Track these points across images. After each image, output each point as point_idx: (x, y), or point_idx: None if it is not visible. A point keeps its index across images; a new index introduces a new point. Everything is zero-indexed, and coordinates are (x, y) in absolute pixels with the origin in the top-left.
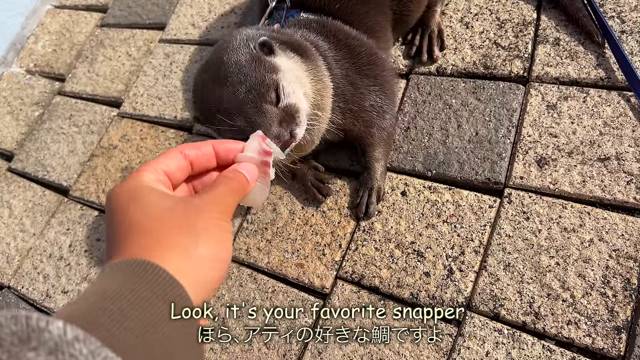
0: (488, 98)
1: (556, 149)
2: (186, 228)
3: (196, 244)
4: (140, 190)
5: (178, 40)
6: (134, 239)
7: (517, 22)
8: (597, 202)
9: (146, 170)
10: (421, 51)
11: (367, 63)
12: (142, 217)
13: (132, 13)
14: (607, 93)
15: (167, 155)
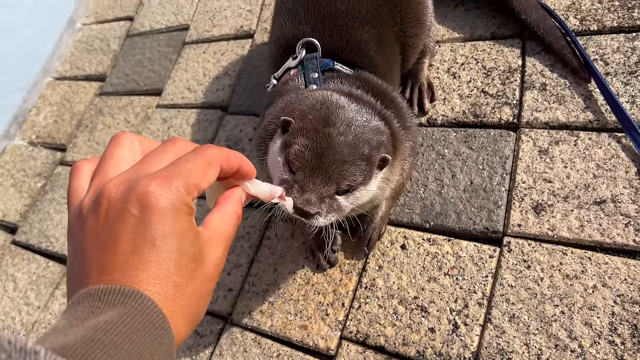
0: (480, 146)
1: (552, 194)
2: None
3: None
4: (177, 213)
5: (175, 104)
6: (135, 259)
7: (503, 69)
8: (597, 247)
9: (191, 190)
10: (412, 104)
11: (409, 116)
12: (161, 243)
13: (130, 80)
14: (597, 135)
15: (211, 167)
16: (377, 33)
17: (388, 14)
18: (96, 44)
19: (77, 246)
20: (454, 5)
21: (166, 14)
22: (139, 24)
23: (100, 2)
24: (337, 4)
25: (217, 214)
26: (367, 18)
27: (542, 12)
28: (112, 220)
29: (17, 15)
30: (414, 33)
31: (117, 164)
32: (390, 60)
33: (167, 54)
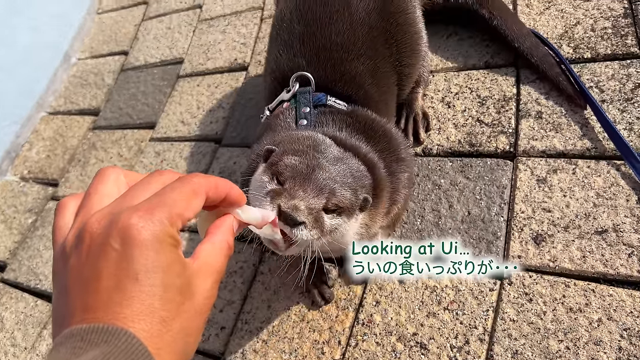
0: (477, 176)
1: (551, 224)
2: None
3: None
4: (160, 245)
5: (168, 137)
6: (118, 296)
7: (497, 98)
8: (600, 278)
9: (175, 220)
10: (407, 134)
11: (404, 148)
12: (144, 277)
13: (123, 114)
14: (595, 163)
15: (196, 195)
16: (373, 65)
17: (384, 44)
18: (90, 79)
19: (60, 285)
20: (447, 35)
21: (161, 48)
22: (134, 58)
23: (96, 37)
24: (332, 37)
25: (207, 244)
26: (363, 50)
27: (535, 40)
28: (94, 256)
29: (14, 53)
30: (410, 63)
31: (101, 198)
32: (386, 92)
33: (161, 87)
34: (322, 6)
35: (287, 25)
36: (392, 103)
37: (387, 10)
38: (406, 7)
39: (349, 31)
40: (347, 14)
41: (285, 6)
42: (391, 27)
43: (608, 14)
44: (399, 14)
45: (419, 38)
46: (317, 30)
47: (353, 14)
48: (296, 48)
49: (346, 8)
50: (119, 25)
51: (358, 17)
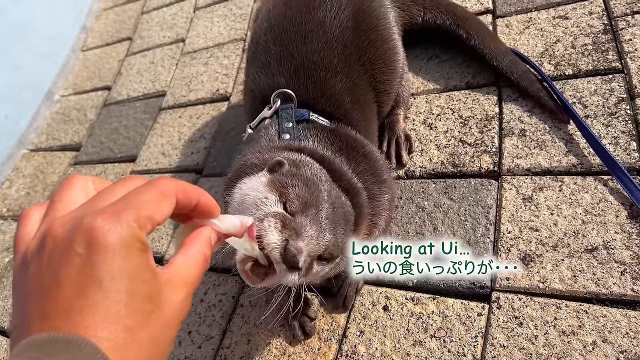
0: (461, 197)
1: (540, 243)
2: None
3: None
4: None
5: (149, 170)
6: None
7: (480, 117)
8: (593, 298)
9: (144, 223)
10: (390, 157)
11: (385, 169)
12: (109, 284)
13: (105, 148)
14: (582, 179)
15: (165, 197)
16: (351, 82)
17: (357, 61)
18: (73, 114)
19: (20, 296)
20: (427, 58)
21: (143, 82)
22: (117, 92)
23: (80, 73)
24: (309, 55)
25: (181, 256)
26: (339, 67)
27: (514, 57)
28: (55, 262)
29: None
30: (385, 79)
31: (67, 205)
32: (365, 109)
33: (143, 120)
34: (295, 26)
35: (263, 47)
36: (373, 121)
37: (359, 28)
38: (378, 24)
39: (324, 49)
40: (321, 33)
41: (259, 28)
42: (364, 44)
43: (588, 30)
44: (371, 31)
45: (393, 54)
46: (293, 50)
47: (327, 32)
48: (274, 68)
49: (320, 27)
50: (103, 62)
51: (332, 35)
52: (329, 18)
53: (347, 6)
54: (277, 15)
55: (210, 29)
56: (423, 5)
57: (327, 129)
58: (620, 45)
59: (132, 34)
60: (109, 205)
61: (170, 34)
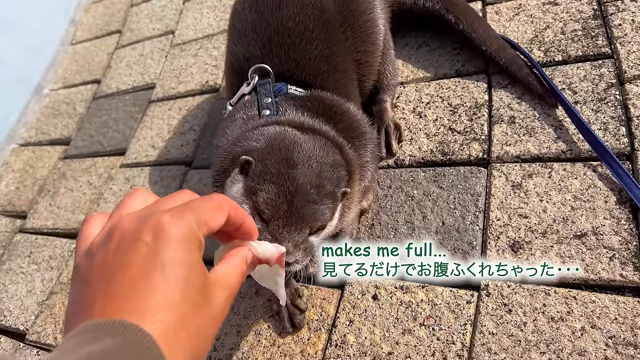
0: (450, 185)
1: (529, 230)
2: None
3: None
4: (188, 243)
5: (138, 163)
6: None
7: (469, 105)
8: (582, 284)
9: (202, 225)
10: (380, 146)
11: (360, 122)
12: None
13: (94, 142)
14: (571, 165)
15: (220, 209)
16: (328, 49)
17: (337, 29)
18: (62, 108)
19: (82, 281)
20: (417, 47)
21: (133, 75)
22: (106, 85)
23: (69, 67)
24: (284, 22)
25: (222, 265)
26: (315, 34)
27: (503, 42)
28: (123, 249)
29: None
30: (366, 49)
31: (130, 209)
32: (344, 78)
33: (133, 113)
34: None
35: (240, 15)
36: (354, 93)
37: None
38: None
39: (300, 15)
40: (296, 0)
41: (239, 1)
42: (344, 11)
43: (577, 16)
44: (351, 1)
45: (374, 26)
46: (268, 16)
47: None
48: (249, 36)
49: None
50: (93, 55)
51: (308, 1)
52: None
53: None
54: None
55: (200, 20)
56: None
57: (305, 97)
58: (610, 30)
59: (121, 27)
60: (173, 207)
61: (160, 26)
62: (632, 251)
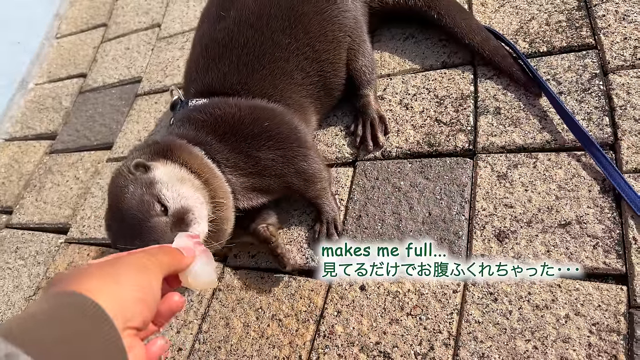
0: (436, 176)
1: (514, 220)
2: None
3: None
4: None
5: (125, 157)
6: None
7: (455, 97)
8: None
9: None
10: (365, 139)
11: (252, 125)
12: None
13: (81, 137)
14: (556, 155)
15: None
16: (260, 55)
17: (280, 32)
18: (48, 103)
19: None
20: (403, 38)
21: (119, 68)
22: (92, 79)
23: (54, 61)
24: (215, 35)
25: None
26: (245, 41)
27: (486, 34)
28: None
29: None
30: (323, 48)
31: None
32: (285, 81)
33: (119, 107)
34: (215, 8)
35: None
36: (299, 93)
37: (287, 3)
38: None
39: (232, 26)
40: (232, 11)
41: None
42: (295, 15)
43: (562, 7)
44: (301, 5)
45: (334, 23)
46: (208, 30)
47: (240, 9)
48: (194, 52)
49: (232, 4)
50: (78, 48)
51: (246, 10)
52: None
53: None
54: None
55: (186, 13)
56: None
57: (196, 109)
58: (594, 21)
59: (107, 20)
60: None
61: (146, 19)
62: (615, 239)
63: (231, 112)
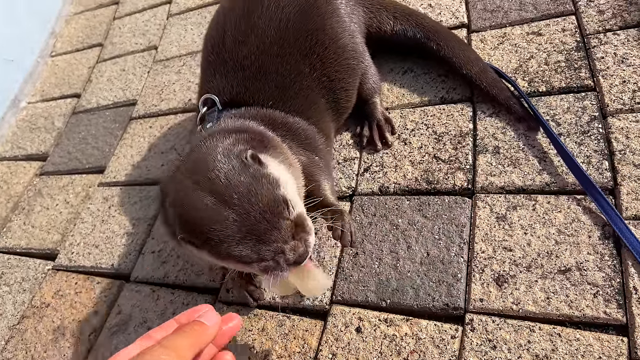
0: (435, 214)
1: (513, 264)
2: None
3: None
4: None
5: (117, 182)
6: None
7: (454, 134)
8: (566, 321)
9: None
10: (373, 141)
11: (306, 138)
12: None
13: (72, 159)
14: (555, 198)
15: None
16: (286, 81)
17: (302, 61)
18: (40, 122)
19: None
20: (402, 72)
21: (114, 90)
22: (86, 100)
23: (48, 80)
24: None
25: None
26: (272, 68)
27: (484, 66)
28: None
29: None
30: (340, 77)
31: None
32: (308, 105)
33: (113, 130)
34: (232, 32)
35: (205, 56)
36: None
37: (303, 28)
38: (325, 23)
39: (256, 53)
40: (253, 37)
41: (206, 36)
42: (311, 43)
43: (561, 47)
44: (318, 31)
45: (346, 52)
46: (226, 56)
47: (261, 35)
48: (210, 75)
49: (253, 31)
50: (73, 68)
51: (267, 38)
52: (264, 20)
53: (286, 6)
54: (218, 23)
55: (184, 37)
56: (394, 15)
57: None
58: (593, 63)
59: (103, 40)
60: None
61: (143, 41)
62: (615, 288)
63: (281, 116)
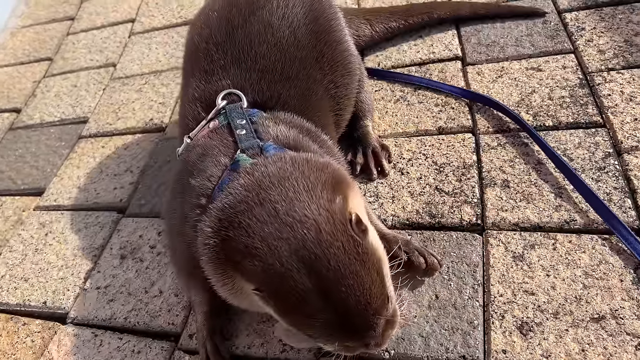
0: (442, 252)
1: (537, 309)
2: None
3: None
4: None
5: (59, 206)
6: None
7: (457, 165)
8: None
9: None
10: (370, 168)
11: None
12: None
13: (4, 178)
14: (577, 237)
15: None
16: (305, 86)
17: (314, 64)
18: None
19: None
20: (394, 100)
21: (62, 106)
22: (27, 116)
23: None
24: (257, 59)
25: None
26: (293, 71)
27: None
28: None
29: None
30: (344, 82)
31: None
32: (320, 116)
33: (58, 148)
34: (240, 29)
35: (205, 54)
36: (330, 128)
37: (313, 29)
38: (330, 25)
39: (274, 53)
40: (269, 35)
41: (199, 35)
42: (320, 46)
43: (563, 83)
44: (325, 33)
45: (349, 55)
46: (239, 55)
47: (276, 33)
48: (219, 75)
49: (267, 28)
50: (15, 81)
51: (282, 36)
52: (277, 18)
53: (295, 5)
54: (219, 20)
55: (147, 55)
56: (366, 18)
57: (286, 120)
58: (599, 100)
59: (53, 55)
60: None
61: (99, 58)
62: None
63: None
